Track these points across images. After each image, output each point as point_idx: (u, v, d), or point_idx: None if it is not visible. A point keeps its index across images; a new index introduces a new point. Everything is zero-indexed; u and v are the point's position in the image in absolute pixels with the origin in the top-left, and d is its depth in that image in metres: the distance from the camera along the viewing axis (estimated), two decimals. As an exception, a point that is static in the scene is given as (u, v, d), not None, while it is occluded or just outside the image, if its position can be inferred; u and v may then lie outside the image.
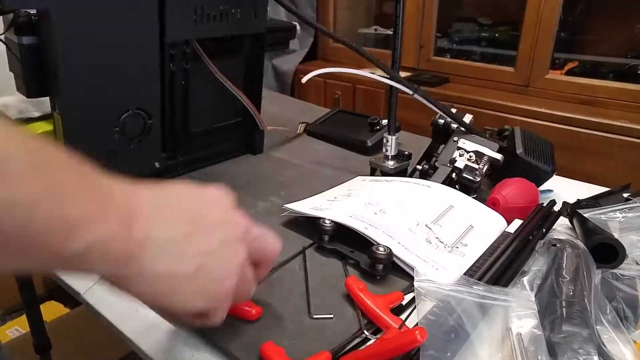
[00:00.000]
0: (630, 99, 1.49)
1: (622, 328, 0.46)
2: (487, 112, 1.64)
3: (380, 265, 0.54)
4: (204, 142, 0.83)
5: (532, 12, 1.61)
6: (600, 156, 1.44)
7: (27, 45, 0.62)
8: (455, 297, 0.46)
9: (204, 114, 0.83)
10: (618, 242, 0.53)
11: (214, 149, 0.86)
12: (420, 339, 0.39)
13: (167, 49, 0.71)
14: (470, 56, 2.01)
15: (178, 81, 0.75)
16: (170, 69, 0.73)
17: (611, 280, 0.51)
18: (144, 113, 0.72)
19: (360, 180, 0.76)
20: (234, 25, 0.78)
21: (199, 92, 0.80)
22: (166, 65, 0.72)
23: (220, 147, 0.87)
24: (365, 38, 2.35)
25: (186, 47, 0.74)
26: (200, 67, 0.78)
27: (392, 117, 0.76)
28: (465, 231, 0.61)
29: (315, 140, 1.00)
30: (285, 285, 0.54)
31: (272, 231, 0.45)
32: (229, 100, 0.84)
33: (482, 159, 0.71)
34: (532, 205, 0.65)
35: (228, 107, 0.86)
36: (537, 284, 0.51)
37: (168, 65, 0.72)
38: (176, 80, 0.75)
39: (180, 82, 0.76)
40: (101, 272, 0.33)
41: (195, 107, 0.80)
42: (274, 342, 0.44)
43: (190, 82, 0.77)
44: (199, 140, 0.83)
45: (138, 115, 0.71)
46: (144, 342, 0.48)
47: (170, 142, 0.78)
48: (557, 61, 1.72)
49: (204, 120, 0.83)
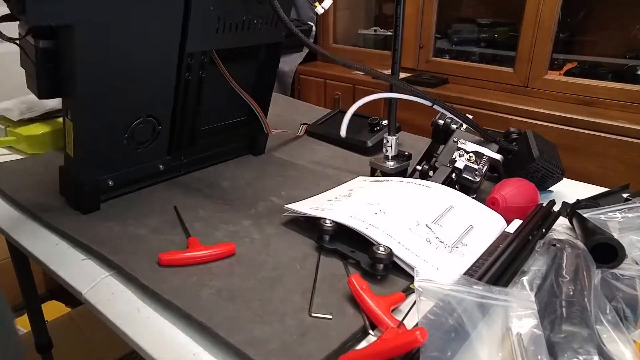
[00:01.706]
0: (629, 100, 1.50)
1: (621, 328, 0.46)
2: (486, 112, 1.64)
3: (380, 265, 0.54)
4: (208, 142, 0.84)
5: (531, 13, 1.61)
6: (599, 156, 1.44)
7: (43, 48, 0.62)
8: (456, 296, 0.46)
9: (211, 114, 0.83)
10: (618, 242, 0.54)
11: (217, 149, 0.86)
12: (420, 339, 0.39)
13: (186, 59, 0.71)
14: (470, 57, 2.01)
15: (192, 89, 0.75)
16: (186, 78, 0.73)
17: (611, 280, 0.51)
18: (154, 120, 0.72)
19: (361, 180, 0.76)
20: (254, 35, 0.77)
21: (211, 98, 0.80)
22: (182, 74, 0.72)
23: (223, 148, 0.87)
24: (365, 39, 2.35)
25: (204, 57, 0.74)
26: (215, 74, 0.77)
27: (392, 118, 0.76)
28: (465, 231, 0.61)
29: (316, 140, 1.00)
30: (286, 284, 0.54)
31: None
32: (236, 101, 0.84)
33: (482, 159, 0.72)
34: (532, 205, 0.65)
35: (234, 108, 0.86)
36: (537, 284, 0.51)
37: (184, 75, 0.72)
38: (190, 88, 0.75)
39: (195, 90, 0.76)
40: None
41: (206, 113, 0.80)
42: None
43: (203, 89, 0.77)
44: (203, 141, 0.83)
45: (148, 122, 0.71)
46: (144, 341, 0.48)
47: (176, 145, 0.79)
48: (556, 62, 1.72)
49: (210, 120, 0.84)
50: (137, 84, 0.67)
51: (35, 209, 0.69)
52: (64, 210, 0.68)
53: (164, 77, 0.70)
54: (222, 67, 0.77)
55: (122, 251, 0.59)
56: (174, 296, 0.51)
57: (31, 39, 0.62)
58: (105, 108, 0.65)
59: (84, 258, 0.60)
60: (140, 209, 0.69)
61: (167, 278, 0.54)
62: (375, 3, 2.43)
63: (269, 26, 0.78)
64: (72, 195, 0.69)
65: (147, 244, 0.61)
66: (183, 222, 0.66)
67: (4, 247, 1.31)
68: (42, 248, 0.63)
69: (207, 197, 0.74)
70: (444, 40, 2.05)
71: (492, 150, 0.73)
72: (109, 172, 0.70)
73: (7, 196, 0.73)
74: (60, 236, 0.64)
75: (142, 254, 0.58)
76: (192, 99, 0.76)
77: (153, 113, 0.71)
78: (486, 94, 1.72)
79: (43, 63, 0.63)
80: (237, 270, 0.56)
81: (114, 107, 0.66)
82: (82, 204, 0.68)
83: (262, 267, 0.57)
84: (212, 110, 0.83)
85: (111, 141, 0.68)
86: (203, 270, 0.56)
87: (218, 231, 0.64)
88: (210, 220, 0.67)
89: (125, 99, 0.67)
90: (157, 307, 0.52)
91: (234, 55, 0.80)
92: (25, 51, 0.64)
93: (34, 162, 0.85)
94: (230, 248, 0.59)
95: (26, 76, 0.67)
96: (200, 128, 0.81)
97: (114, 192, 0.72)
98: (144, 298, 0.53)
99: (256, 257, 0.59)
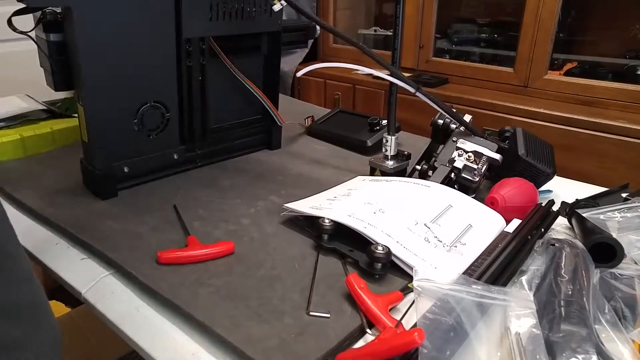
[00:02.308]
0: (629, 99, 1.50)
1: (620, 327, 0.47)
2: (486, 112, 1.64)
3: (379, 264, 0.54)
4: (221, 136, 0.86)
5: (531, 13, 1.61)
6: (598, 156, 1.44)
7: (54, 41, 0.66)
8: (454, 296, 0.46)
9: (222, 110, 0.86)
10: (616, 242, 0.54)
11: (233, 143, 0.89)
12: (418, 340, 0.39)
13: (184, 45, 0.74)
14: (470, 57, 2.01)
15: (195, 76, 0.78)
16: (187, 64, 0.76)
17: (610, 280, 0.51)
18: (162, 107, 0.75)
19: (360, 180, 0.76)
20: (249, 23, 0.81)
21: (218, 88, 0.83)
22: (183, 60, 0.75)
23: (238, 142, 0.90)
24: (365, 39, 2.35)
25: (202, 44, 0.77)
26: (218, 64, 0.81)
27: (391, 117, 0.76)
28: (464, 230, 0.61)
29: (316, 140, 1.00)
30: (284, 282, 0.54)
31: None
32: (247, 98, 0.87)
33: (481, 159, 0.72)
34: (531, 205, 0.65)
35: (247, 105, 0.89)
36: (536, 284, 0.51)
37: (185, 61, 0.76)
38: (193, 75, 0.78)
39: (198, 77, 0.79)
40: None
41: (214, 103, 0.83)
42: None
43: (207, 77, 0.80)
44: (216, 134, 0.86)
45: (156, 108, 0.74)
46: (143, 340, 0.48)
47: (189, 136, 0.81)
48: (556, 62, 1.72)
49: (222, 117, 0.86)
50: (139, 68, 0.71)
51: (34, 206, 0.69)
52: (63, 209, 0.68)
53: (164, 62, 0.73)
54: (220, 53, 0.79)
55: (122, 249, 0.59)
56: (173, 294, 0.51)
57: (43, 33, 0.66)
58: (112, 92, 0.69)
59: (83, 257, 0.60)
60: (140, 207, 0.69)
61: (166, 276, 0.54)
62: (375, 3, 2.43)
63: (263, 14, 0.82)
64: (90, 181, 0.73)
65: (147, 242, 0.61)
66: (182, 220, 0.66)
67: (4, 246, 1.31)
68: (42, 247, 0.63)
69: (207, 195, 0.74)
70: (444, 40, 2.05)
71: (492, 150, 0.73)
72: (124, 159, 0.73)
73: (7, 194, 0.74)
74: (60, 234, 0.65)
75: (142, 252, 0.58)
76: (197, 86, 0.79)
77: (159, 99, 0.75)
78: (486, 94, 1.72)
79: (55, 56, 0.67)
80: (236, 269, 0.56)
81: (119, 91, 0.70)
82: (99, 188, 0.71)
83: (261, 266, 0.57)
84: (224, 105, 0.86)
85: (121, 126, 0.72)
86: (202, 269, 0.56)
87: (217, 230, 0.64)
88: (210, 219, 0.67)
89: (129, 83, 0.70)
90: (157, 306, 0.52)
91: (236, 47, 0.83)
92: (40, 48, 0.68)
93: (33, 161, 0.85)
94: (229, 247, 0.59)
95: (45, 74, 0.71)
96: (212, 121, 0.84)
97: (131, 181, 0.76)
98: (144, 297, 0.53)
99: (255, 256, 0.59)
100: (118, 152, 0.72)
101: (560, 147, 0.98)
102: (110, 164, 0.71)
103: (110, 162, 0.71)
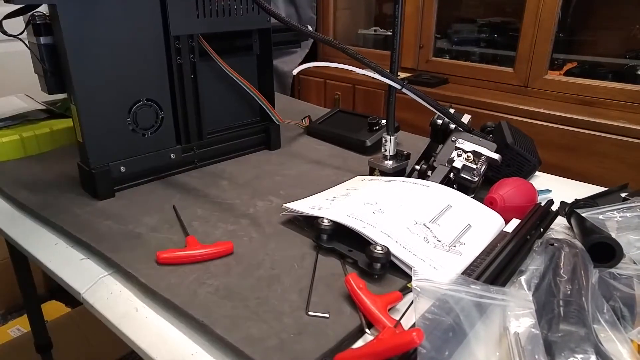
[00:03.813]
0: (628, 99, 1.50)
1: (619, 327, 0.46)
2: (486, 112, 1.64)
3: (378, 265, 0.54)
4: (219, 137, 0.87)
5: (531, 13, 1.61)
6: (598, 156, 1.44)
7: (44, 44, 0.67)
8: (453, 296, 0.46)
9: (219, 110, 0.86)
10: (615, 242, 0.54)
11: (231, 144, 0.89)
12: (417, 340, 0.39)
13: (173, 42, 0.75)
14: (470, 57, 2.01)
15: (187, 75, 0.79)
16: (177, 62, 0.77)
17: (608, 280, 0.51)
18: (156, 105, 0.75)
19: (359, 179, 0.76)
20: (238, 20, 0.81)
21: (212, 88, 0.84)
22: (173, 58, 0.76)
23: (237, 143, 0.90)
24: (365, 39, 2.35)
25: (191, 41, 0.78)
26: (212, 64, 0.81)
27: (391, 117, 0.76)
28: (463, 230, 0.61)
29: (315, 140, 1.00)
30: (283, 282, 0.54)
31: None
32: (244, 98, 0.88)
33: (480, 159, 0.72)
34: (530, 205, 0.65)
35: (244, 106, 0.90)
36: (535, 283, 0.51)
37: (175, 58, 0.76)
38: (184, 73, 0.78)
39: (189, 75, 0.79)
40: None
41: (209, 103, 0.83)
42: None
43: (200, 76, 0.80)
44: (214, 135, 0.86)
45: (149, 106, 0.75)
46: (142, 340, 0.48)
47: (185, 135, 0.82)
48: (556, 62, 1.72)
49: (219, 117, 0.87)
50: (128, 66, 0.71)
51: (34, 207, 0.69)
52: (63, 209, 0.69)
53: (153, 59, 0.74)
54: (210, 49, 0.80)
55: (121, 249, 0.59)
56: (172, 294, 0.51)
57: (34, 37, 0.66)
58: (103, 91, 0.69)
59: (82, 258, 0.61)
60: (139, 207, 0.70)
61: (166, 276, 0.54)
62: (375, 3, 2.43)
63: (252, 12, 0.82)
64: (87, 181, 0.73)
65: (146, 242, 0.61)
66: (181, 220, 0.66)
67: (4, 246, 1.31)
68: (41, 247, 0.63)
69: (206, 195, 0.74)
70: (444, 40, 2.05)
71: (491, 150, 0.73)
72: (120, 158, 0.73)
73: (6, 195, 0.74)
74: (59, 235, 0.65)
75: (141, 252, 0.59)
76: (190, 85, 0.79)
77: (152, 96, 0.75)
78: (486, 94, 1.72)
79: (46, 58, 0.67)
80: (235, 269, 0.56)
81: (110, 88, 0.70)
82: (96, 188, 0.71)
83: (260, 266, 0.57)
84: (220, 106, 0.86)
85: (115, 125, 0.72)
86: (201, 269, 0.56)
87: (216, 230, 0.64)
88: (209, 219, 0.67)
89: (120, 80, 0.71)
90: (156, 306, 0.52)
91: (228, 47, 0.83)
92: (33, 52, 0.69)
93: (32, 162, 0.85)
94: (228, 247, 0.59)
95: (39, 79, 0.71)
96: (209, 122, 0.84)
97: (130, 181, 0.76)
98: (143, 298, 0.53)
99: (254, 256, 0.59)
100: (113, 151, 0.72)
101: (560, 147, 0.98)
102: (106, 164, 0.71)
103: (106, 162, 0.72)
